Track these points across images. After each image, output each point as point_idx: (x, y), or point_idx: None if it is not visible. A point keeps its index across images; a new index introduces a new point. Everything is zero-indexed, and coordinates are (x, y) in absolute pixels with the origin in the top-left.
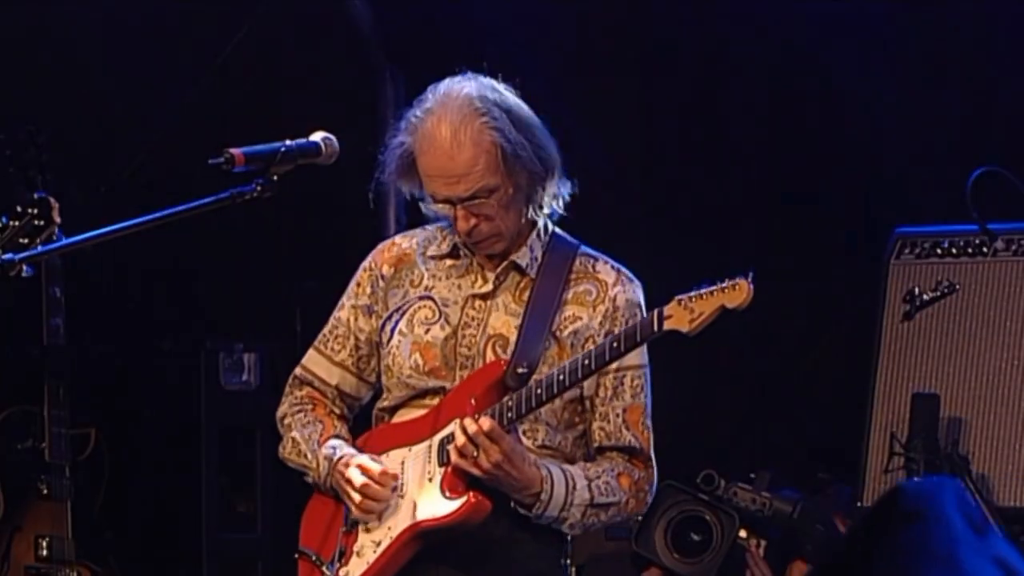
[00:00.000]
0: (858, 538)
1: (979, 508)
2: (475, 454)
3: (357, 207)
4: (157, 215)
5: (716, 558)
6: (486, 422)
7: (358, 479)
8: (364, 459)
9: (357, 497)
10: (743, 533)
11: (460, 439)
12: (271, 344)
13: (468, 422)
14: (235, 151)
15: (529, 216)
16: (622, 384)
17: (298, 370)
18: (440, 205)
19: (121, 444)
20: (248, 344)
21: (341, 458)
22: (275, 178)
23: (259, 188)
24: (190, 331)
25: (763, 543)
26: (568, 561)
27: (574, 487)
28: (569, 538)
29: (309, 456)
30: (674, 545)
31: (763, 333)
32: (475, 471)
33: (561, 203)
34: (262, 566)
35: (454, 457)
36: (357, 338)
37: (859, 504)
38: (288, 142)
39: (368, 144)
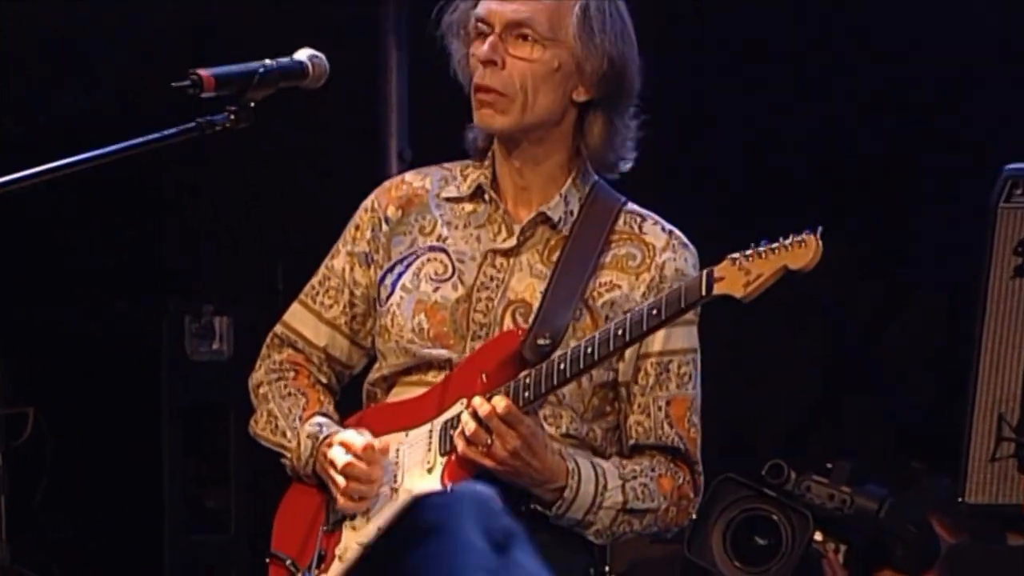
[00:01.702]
0: (378, 554)
1: (504, 523)
2: (488, 441)
3: (352, 141)
4: (109, 150)
5: (786, 567)
6: (501, 402)
7: (340, 458)
8: (347, 434)
9: (341, 480)
10: (818, 536)
11: (469, 424)
12: (247, 306)
13: (479, 402)
14: (204, 72)
15: (568, 124)
16: (666, 371)
17: (279, 328)
18: (475, 44)
19: (65, 427)
20: (219, 306)
21: (328, 437)
22: (252, 105)
23: (233, 117)
24: (149, 290)
25: (843, 548)
26: (606, 569)
27: (605, 487)
28: (609, 541)
29: (288, 434)
30: (734, 551)
31: (838, 296)
32: (487, 462)
33: (617, 148)
34: (236, 572)
35: (461, 446)
36: (352, 292)
37: (960, 500)
38: (268, 62)
39: (366, 64)
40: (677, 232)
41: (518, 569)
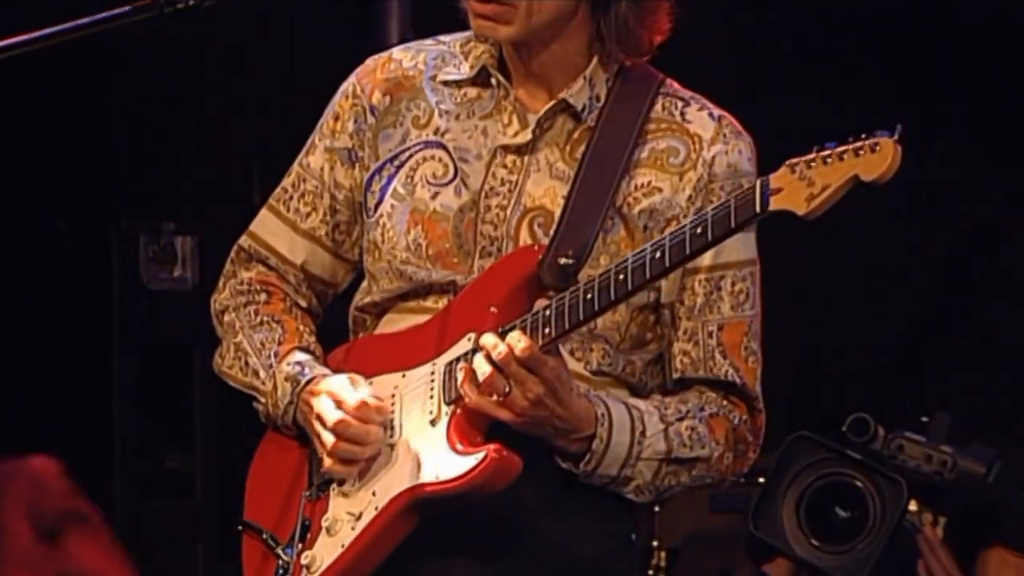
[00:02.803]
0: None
1: (55, 511)
2: (504, 389)
3: (342, 19)
4: (46, 32)
5: (873, 545)
6: (520, 341)
7: (330, 414)
8: (338, 383)
9: (330, 440)
10: (913, 506)
11: (481, 368)
12: (216, 224)
13: (492, 342)
14: None
15: (584, 13)
16: (718, 289)
17: (246, 240)
18: None
19: None
20: (182, 224)
21: (310, 382)
22: None
23: None
24: (97, 205)
25: (942, 521)
26: (654, 544)
27: (643, 432)
28: (656, 509)
29: (262, 374)
30: (811, 526)
31: (928, 216)
32: (503, 415)
33: (647, 24)
34: (204, 546)
35: (471, 396)
36: (334, 196)
37: None
38: None
39: None
40: (728, 118)
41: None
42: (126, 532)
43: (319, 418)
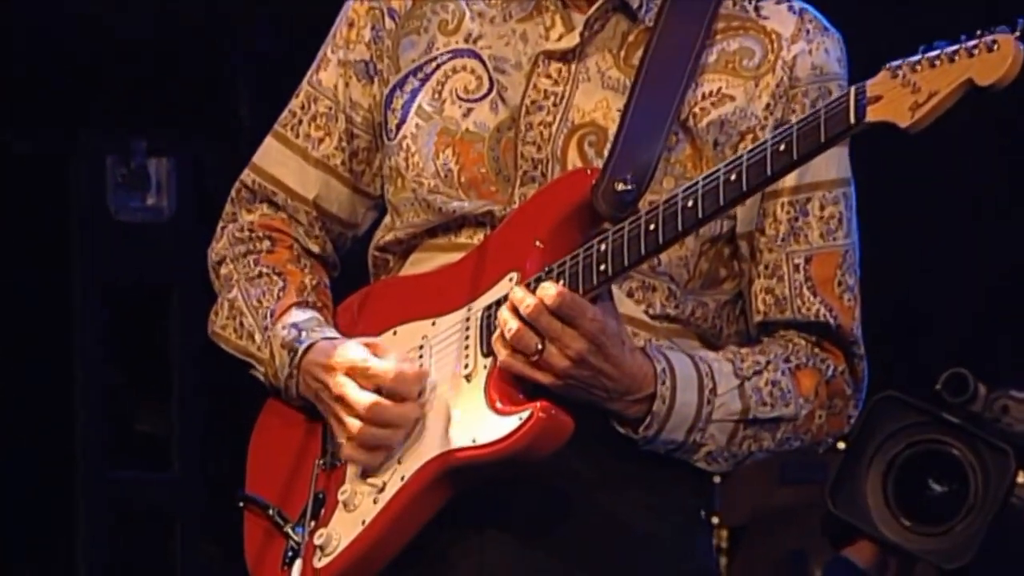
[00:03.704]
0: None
1: None
2: (537, 347)
3: None
4: None
5: (976, 525)
6: (549, 289)
7: (358, 396)
8: (356, 354)
9: (355, 425)
10: (1022, 478)
11: (509, 323)
12: (197, 143)
13: (519, 295)
14: None
15: None
16: (804, 214)
17: (248, 175)
18: None
19: None
20: (156, 142)
21: (311, 347)
22: None
23: None
24: (55, 120)
25: None
26: (714, 521)
27: (713, 389)
28: (717, 479)
29: (258, 338)
30: (899, 503)
31: None
32: (540, 378)
33: None
34: (182, 525)
35: (502, 354)
36: (350, 118)
37: None
38: None
39: None
40: (811, 12)
41: None
42: (89, 508)
43: (341, 400)
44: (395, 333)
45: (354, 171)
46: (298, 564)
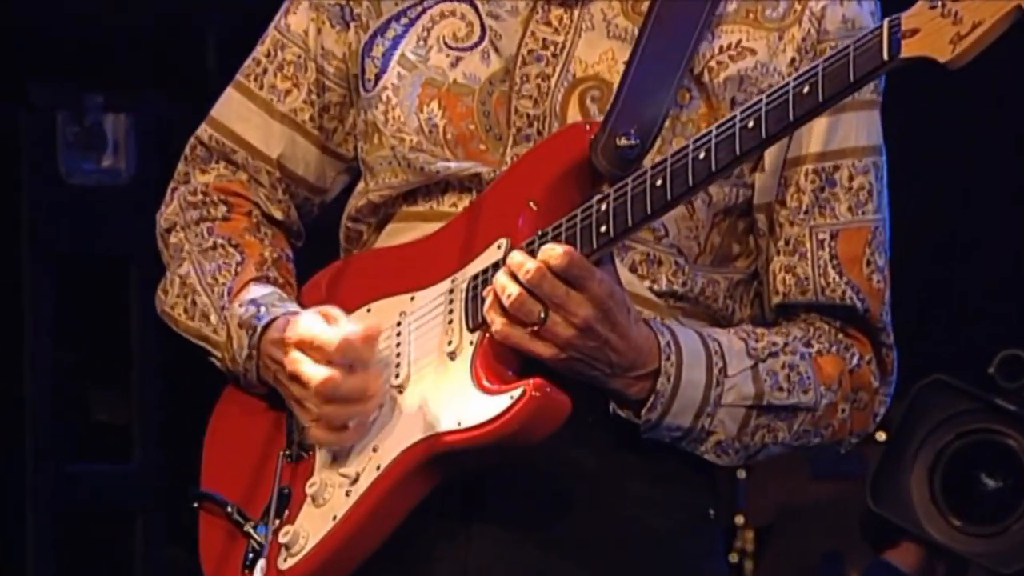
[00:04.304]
0: None
1: None
2: (540, 316)
3: None
4: None
5: None
6: (555, 250)
7: (309, 370)
8: (306, 324)
9: (313, 406)
10: None
11: (508, 289)
12: (158, 97)
13: (518, 259)
14: None
15: None
16: (831, 185)
17: (204, 130)
18: None
19: None
20: (112, 97)
21: (271, 324)
22: None
23: None
24: (3, 71)
25: None
26: (739, 521)
27: (723, 369)
28: (742, 474)
29: (213, 319)
30: (948, 500)
31: None
32: (541, 351)
33: None
34: (144, 523)
35: (497, 324)
36: (321, 69)
37: None
38: None
39: None
40: None
41: None
42: (39, 505)
43: (295, 378)
44: (369, 310)
45: (324, 128)
46: (260, 566)
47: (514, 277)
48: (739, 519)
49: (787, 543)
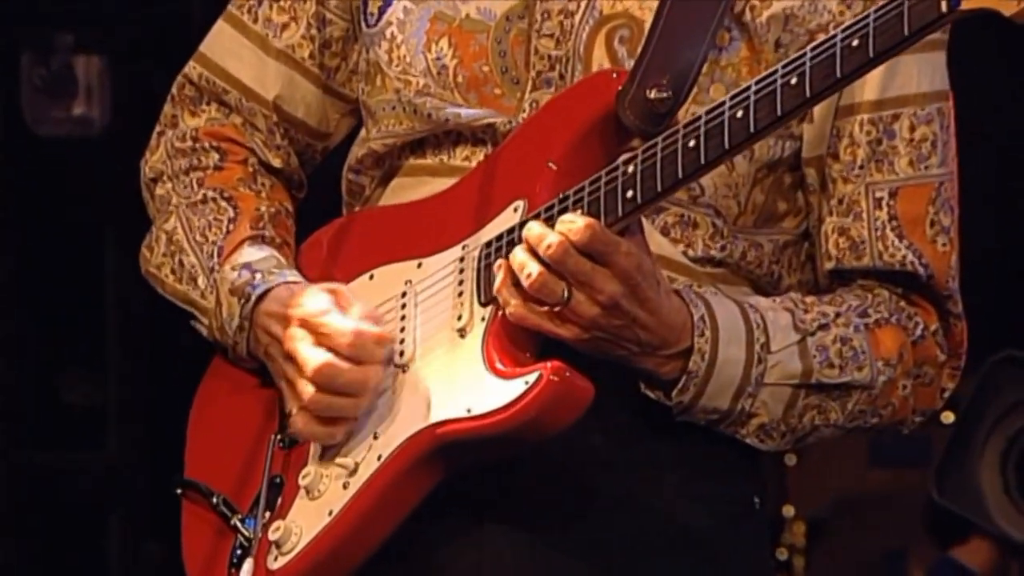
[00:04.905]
0: None
1: None
2: (562, 296)
3: None
4: None
5: None
6: (577, 222)
7: (309, 354)
8: (315, 302)
9: (308, 391)
10: None
11: (525, 265)
12: (135, 36)
13: (536, 232)
14: None
15: None
16: (890, 136)
17: (193, 68)
18: None
19: None
20: (84, 36)
21: (267, 294)
22: None
23: None
24: None
25: None
26: (787, 513)
27: (766, 345)
28: (791, 460)
29: (201, 281)
30: (1021, 492)
31: None
32: (562, 333)
33: None
34: (119, 516)
35: (512, 304)
36: (320, 1)
37: None
38: None
39: None
40: None
41: None
42: (4, 496)
43: (291, 358)
44: (372, 277)
45: (325, 66)
46: (248, 565)
47: (533, 253)
48: (788, 510)
49: (842, 538)
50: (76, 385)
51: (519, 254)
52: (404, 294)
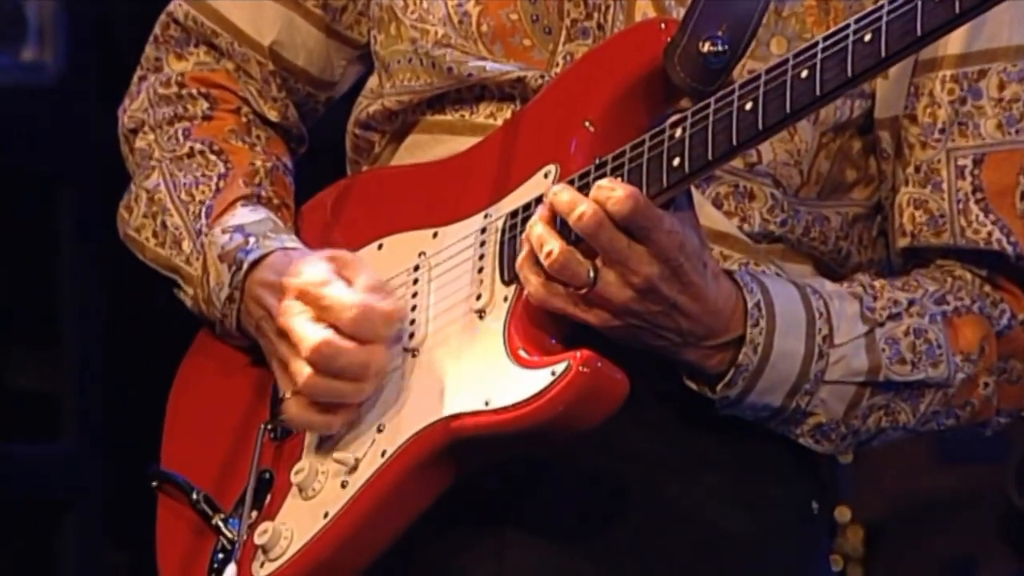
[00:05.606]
0: None
1: None
2: (588, 277)
3: None
4: None
5: None
6: (616, 192)
7: (306, 331)
8: (314, 271)
9: (303, 372)
10: None
11: (545, 241)
12: None
13: (566, 198)
14: None
15: None
16: (976, 96)
17: (179, 6)
18: None
19: None
20: None
21: (262, 261)
22: None
23: None
24: None
25: None
26: (842, 516)
27: (829, 337)
28: (847, 459)
29: (186, 245)
30: None
31: None
32: (588, 317)
33: None
34: (78, 516)
35: (533, 284)
36: None
37: None
38: None
39: None
40: None
41: None
42: None
43: (285, 335)
44: (380, 247)
45: (330, 6)
46: (231, 570)
47: (553, 225)
48: (844, 513)
49: (905, 545)
50: (27, 369)
51: (538, 227)
52: (417, 267)
